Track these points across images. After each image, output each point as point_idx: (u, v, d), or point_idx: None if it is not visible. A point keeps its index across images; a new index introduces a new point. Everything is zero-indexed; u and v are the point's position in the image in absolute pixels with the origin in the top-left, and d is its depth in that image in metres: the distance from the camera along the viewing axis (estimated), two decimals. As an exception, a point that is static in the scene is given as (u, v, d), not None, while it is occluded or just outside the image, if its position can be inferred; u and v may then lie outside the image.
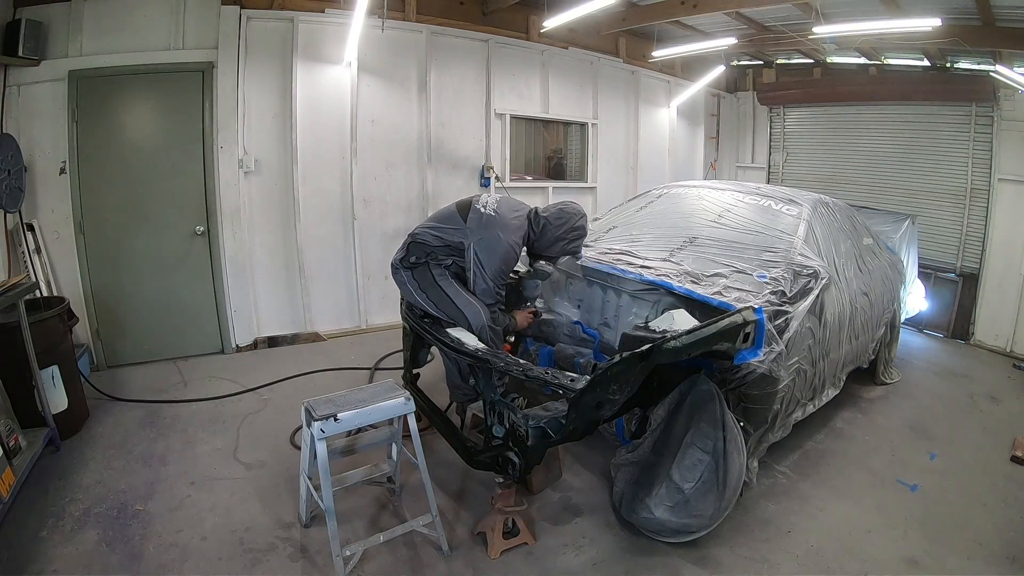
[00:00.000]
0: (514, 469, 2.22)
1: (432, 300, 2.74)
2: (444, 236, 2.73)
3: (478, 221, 2.71)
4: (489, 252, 2.66)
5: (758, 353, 2.40)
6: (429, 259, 2.75)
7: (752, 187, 3.92)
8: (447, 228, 2.75)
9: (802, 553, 2.42)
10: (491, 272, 2.67)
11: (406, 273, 2.81)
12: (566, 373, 2.22)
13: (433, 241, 2.75)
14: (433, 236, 2.75)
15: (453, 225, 2.75)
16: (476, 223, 2.71)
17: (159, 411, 3.49)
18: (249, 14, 4.33)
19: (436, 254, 2.75)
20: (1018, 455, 3.26)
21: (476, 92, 5.55)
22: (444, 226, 2.76)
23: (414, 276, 2.79)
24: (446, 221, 2.79)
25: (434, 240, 2.75)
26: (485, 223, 2.70)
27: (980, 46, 4.82)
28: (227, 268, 4.42)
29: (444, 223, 2.79)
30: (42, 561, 2.18)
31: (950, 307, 5.76)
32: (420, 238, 2.78)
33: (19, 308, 2.75)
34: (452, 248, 2.73)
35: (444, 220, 2.81)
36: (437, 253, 2.75)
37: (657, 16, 5.51)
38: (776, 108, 7.53)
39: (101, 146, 3.98)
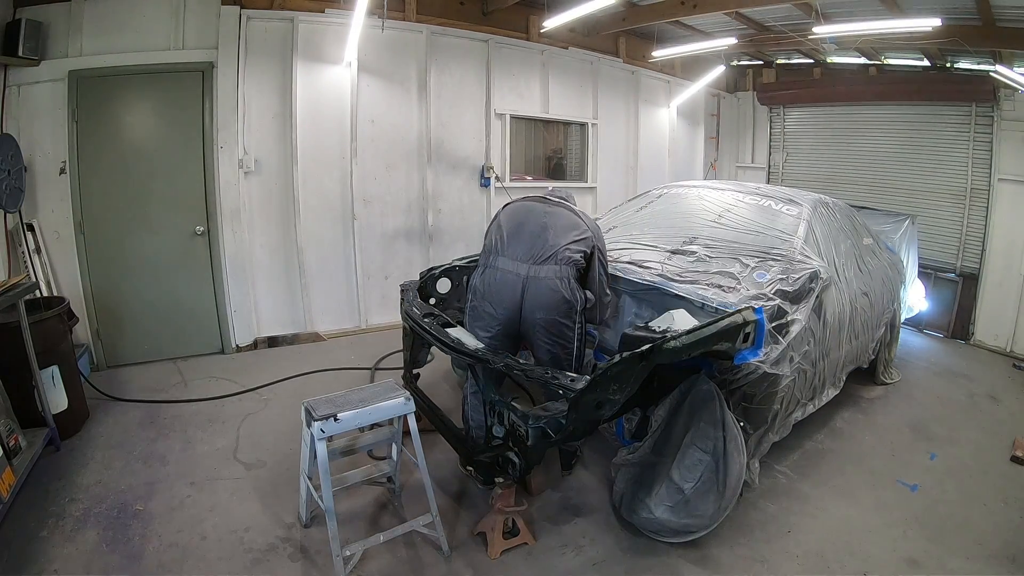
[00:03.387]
0: (514, 469, 2.22)
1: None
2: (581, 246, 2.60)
3: (594, 226, 2.71)
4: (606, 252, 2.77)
5: (758, 353, 2.40)
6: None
7: (752, 187, 3.92)
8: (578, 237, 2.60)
9: (802, 553, 2.42)
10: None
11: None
12: (566, 373, 2.22)
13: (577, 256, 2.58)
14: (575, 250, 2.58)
15: (581, 232, 2.62)
16: (594, 227, 2.69)
17: (159, 411, 3.49)
18: (249, 14, 4.33)
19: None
20: (1018, 455, 3.26)
21: (476, 92, 5.55)
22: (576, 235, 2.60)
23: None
24: (569, 229, 2.61)
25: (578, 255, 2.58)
26: (596, 225, 2.76)
27: (980, 46, 4.82)
28: (227, 268, 4.42)
29: (570, 231, 2.60)
30: (42, 561, 2.18)
31: (950, 307, 5.75)
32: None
33: (19, 308, 2.75)
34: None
35: (566, 229, 2.61)
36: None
37: (657, 16, 5.51)
38: (776, 108, 7.53)
39: (101, 146, 3.98)
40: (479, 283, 2.67)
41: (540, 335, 2.58)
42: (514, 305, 2.55)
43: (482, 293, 2.63)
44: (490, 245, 2.71)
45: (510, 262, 2.58)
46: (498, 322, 2.60)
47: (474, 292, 2.69)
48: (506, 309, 2.57)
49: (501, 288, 2.57)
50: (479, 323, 2.65)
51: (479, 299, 2.65)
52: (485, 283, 2.63)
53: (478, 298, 2.66)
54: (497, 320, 2.60)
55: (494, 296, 2.59)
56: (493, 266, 2.62)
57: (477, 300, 2.66)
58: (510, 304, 2.56)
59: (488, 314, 2.61)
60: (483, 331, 2.63)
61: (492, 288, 2.60)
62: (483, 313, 2.63)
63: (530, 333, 2.61)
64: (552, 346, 2.58)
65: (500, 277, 2.58)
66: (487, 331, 2.62)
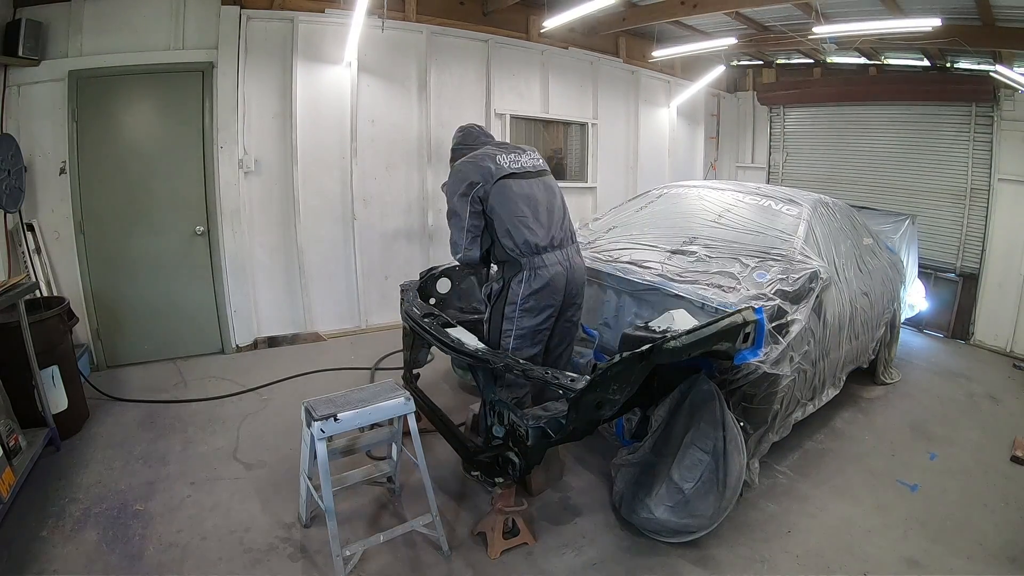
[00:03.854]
0: (514, 469, 2.22)
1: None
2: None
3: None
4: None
5: (758, 353, 2.40)
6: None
7: (752, 187, 3.92)
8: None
9: (802, 553, 2.42)
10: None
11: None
12: (566, 373, 2.22)
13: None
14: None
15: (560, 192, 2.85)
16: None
17: (159, 411, 3.49)
18: (249, 14, 4.33)
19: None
20: (1018, 455, 3.26)
21: (476, 92, 5.55)
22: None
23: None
24: (559, 195, 2.80)
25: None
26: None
27: (980, 46, 4.81)
28: (227, 268, 4.42)
29: (560, 197, 2.81)
30: (42, 561, 2.18)
31: (950, 307, 5.75)
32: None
33: (19, 308, 2.75)
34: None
35: (559, 197, 2.79)
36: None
37: (657, 16, 5.50)
38: (776, 108, 7.53)
39: (101, 146, 3.98)
40: (537, 284, 2.55)
41: (569, 310, 2.73)
42: (563, 290, 2.65)
43: (538, 290, 2.56)
44: (526, 244, 2.55)
45: (552, 255, 2.61)
46: (555, 310, 2.65)
47: (532, 294, 2.56)
48: (561, 296, 2.65)
49: (555, 279, 2.59)
50: (538, 319, 2.60)
51: (537, 298, 2.58)
52: (541, 281, 2.56)
53: (536, 298, 2.57)
54: (555, 308, 2.64)
55: (552, 290, 2.60)
56: (542, 265, 2.56)
57: (535, 300, 2.57)
58: (562, 292, 2.65)
59: (548, 306, 2.62)
60: (539, 322, 2.61)
61: (551, 284, 2.58)
62: (543, 308, 2.60)
63: (568, 307, 2.71)
64: (576, 314, 2.78)
65: (553, 272, 2.58)
66: (544, 320, 2.62)
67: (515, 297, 2.57)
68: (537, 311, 2.59)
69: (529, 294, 2.56)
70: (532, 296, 2.57)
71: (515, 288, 2.57)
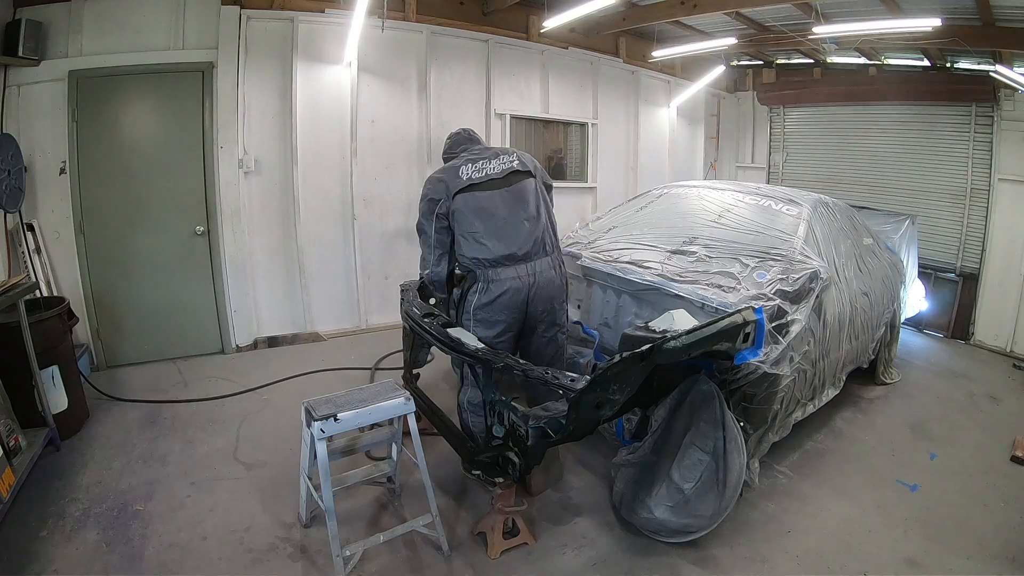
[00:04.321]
0: (514, 469, 2.22)
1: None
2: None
3: (535, 164, 2.92)
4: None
5: (758, 353, 2.40)
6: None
7: (752, 187, 3.92)
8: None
9: (802, 553, 2.42)
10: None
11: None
12: (566, 373, 2.21)
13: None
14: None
15: (541, 197, 2.88)
16: (536, 167, 2.91)
17: (159, 411, 3.49)
18: (249, 14, 4.33)
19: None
20: (1018, 455, 3.26)
21: (476, 92, 5.55)
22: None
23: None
24: (536, 203, 2.78)
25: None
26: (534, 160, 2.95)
27: (980, 46, 4.81)
28: (227, 268, 4.42)
29: (538, 205, 2.80)
30: (42, 561, 2.18)
31: (950, 307, 5.75)
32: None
33: (19, 308, 2.75)
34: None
35: (534, 205, 2.76)
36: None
37: (657, 16, 5.50)
38: (776, 108, 7.53)
39: (101, 146, 3.98)
40: (485, 298, 2.58)
41: (541, 326, 2.72)
42: (522, 307, 2.63)
43: (491, 306, 2.58)
44: (475, 259, 2.58)
45: (510, 270, 2.57)
46: (509, 326, 2.64)
47: (480, 307, 2.60)
48: (517, 312, 2.63)
49: (509, 295, 2.58)
50: (490, 331, 2.61)
51: (488, 311, 2.60)
52: (491, 294, 2.57)
53: (486, 310, 2.60)
54: (509, 324, 2.63)
55: (504, 306, 2.59)
56: (496, 279, 2.57)
57: (485, 313, 2.60)
58: (519, 307, 2.62)
59: (500, 321, 2.61)
60: (492, 335, 2.60)
61: (502, 299, 2.57)
62: (494, 322, 2.61)
63: (532, 328, 2.72)
64: (550, 331, 2.76)
65: (509, 286, 2.57)
66: (498, 333, 2.62)
67: (468, 307, 2.62)
68: (488, 324, 2.60)
69: (479, 306, 2.59)
70: (482, 309, 2.59)
71: (469, 298, 2.62)
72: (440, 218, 2.62)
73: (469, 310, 2.61)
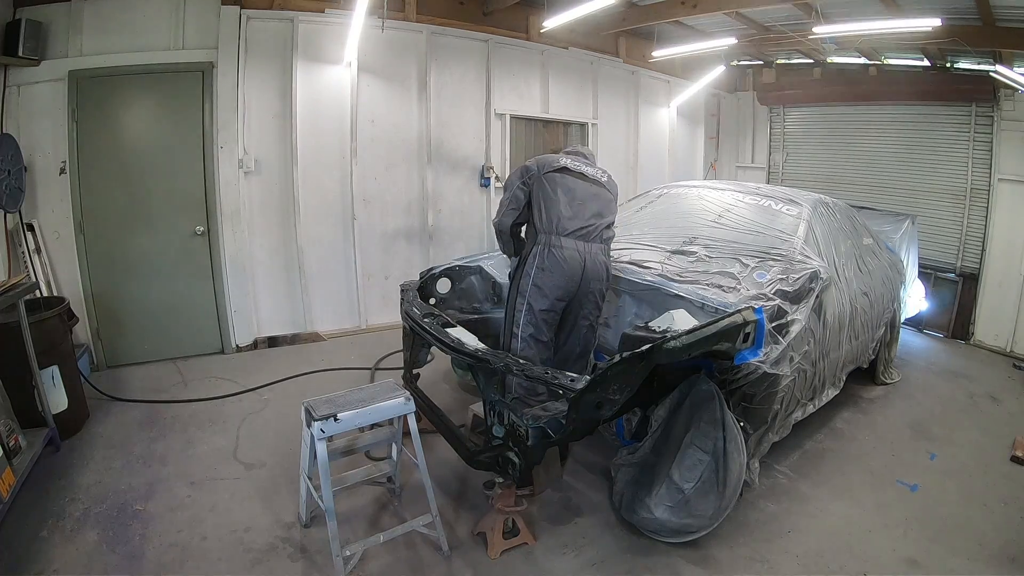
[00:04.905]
0: (514, 469, 2.22)
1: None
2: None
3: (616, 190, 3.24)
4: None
5: (758, 353, 2.40)
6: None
7: (752, 187, 3.92)
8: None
9: (802, 553, 2.42)
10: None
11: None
12: (566, 373, 2.22)
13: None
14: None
15: (613, 211, 3.17)
16: (616, 192, 3.24)
17: (159, 411, 3.49)
18: (249, 14, 4.33)
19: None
20: (1018, 455, 3.26)
21: (476, 92, 5.55)
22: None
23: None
24: (608, 211, 3.09)
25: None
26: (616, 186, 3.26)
27: (980, 46, 4.81)
28: (227, 268, 4.42)
29: (608, 213, 3.10)
30: (42, 561, 2.18)
31: (950, 307, 5.75)
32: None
33: (19, 308, 2.75)
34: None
35: (607, 211, 3.08)
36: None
37: (657, 16, 5.51)
38: (776, 108, 7.53)
39: (101, 146, 3.98)
40: (548, 261, 2.84)
41: (589, 303, 2.94)
42: (576, 279, 2.87)
43: (550, 268, 2.83)
44: (548, 222, 2.87)
45: (572, 241, 2.86)
46: (561, 291, 2.86)
47: (541, 268, 2.84)
48: (570, 282, 2.86)
49: (568, 262, 2.83)
50: (543, 292, 2.84)
51: (547, 273, 2.83)
52: (553, 259, 2.83)
53: (546, 272, 2.83)
54: (561, 292, 2.86)
55: (561, 271, 2.83)
56: (558, 245, 2.84)
57: (544, 276, 2.83)
58: (574, 278, 2.86)
59: (556, 286, 2.84)
60: (543, 299, 2.85)
61: (561, 263, 2.83)
62: (549, 285, 2.84)
63: (581, 301, 2.93)
64: (593, 309, 2.98)
65: (568, 255, 2.84)
66: (547, 299, 2.85)
67: (530, 268, 2.86)
68: (547, 289, 2.82)
69: (540, 269, 2.83)
70: (542, 271, 2.83)
71: (530, 261, 2.87)
72: (524, 184, 2.94)
73: (530, 272, 2.85)
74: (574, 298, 2.91)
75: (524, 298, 2.85)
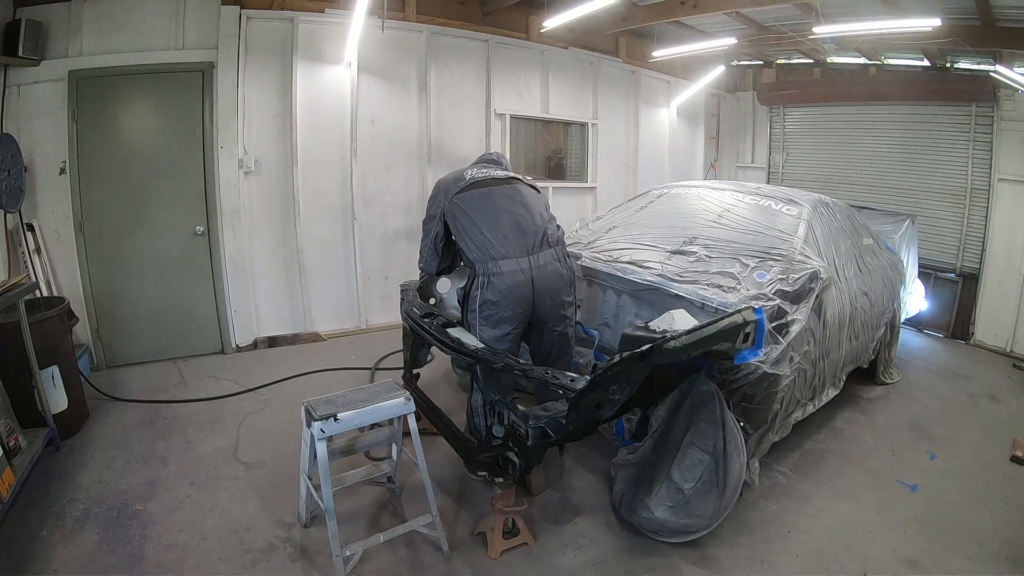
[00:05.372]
0: (514, 469, 2.22)
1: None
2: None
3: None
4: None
5: (758, 353, 2.40)
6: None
7: (752, 187, 3.92)
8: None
9: (802, 553, 2.42)
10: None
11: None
12: (566, 373, 2.22)
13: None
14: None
15: (546, 201, 3.02)
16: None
17: (159, 411, 3.49)
18: (249, 14, 4.33)
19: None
20: (1018, 455, 3.26)
21: (476, 92, 5.55)
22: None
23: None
24: (540, 204, 2.89)
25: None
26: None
27: (980, 46, 4.81)
28: (227, 268, 4.42)
29: (541, 206, 2.90)
30: (42, 561, 2.18)
31: (950, 307, 5.75)
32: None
33: (19, 308, 2.75)
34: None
35: (537, 205, 2.87)
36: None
37: (657, 16, 5.50)
38: (776, 108, 7.53)
39: (101, 146, 3.98)
40: (489, 294, 2.55)
41: (551, 320, 2.70)
42: (527, 301, 2.60)
43: (494, 302, 2.55)
44: (479, 249, 2.58)
45: (512, 262, 2.56)
46: (516, 323, 2.61)
47: (485, 303, 2.57)
48: (522, 307, 2.59)
49: (512, 289, 2.55)
50: (496, 330, 2.59)
51: (493, 307, 2.56)
52: (495, 291, 2.55)
53: (491, 307, 2.57)
54: (515, 321, 2.60)
55: (508, 300, 2.56)
56: (497, 272, 2.54)
57: (491, 309, 2.57)
58: (524, 301, 2.59)
59: (506, 319, 2.58)
60: (499, 335, 2.58)
61: (505, 293, 2.55)
62: (499, 320, 2.58)
63: (542, 322, 2.69)
64: (559, 324, 2.74)
65: (510, 280, 2.54)
66: (505, 334, 2.60)
67: (473, 304, 2.59)
68: (494, 322, 2.57)
69: (484, 303, 2.56)
70: (487, 305, 2.56)
71: (473, 294, 2.59)
72: (440, 215, 2.73)
73: (474, 308, 2.58)
74: (532, 318, 2.65)
75: (475, 329, 2.60)
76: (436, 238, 2.77)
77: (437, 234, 2.76)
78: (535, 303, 2.62)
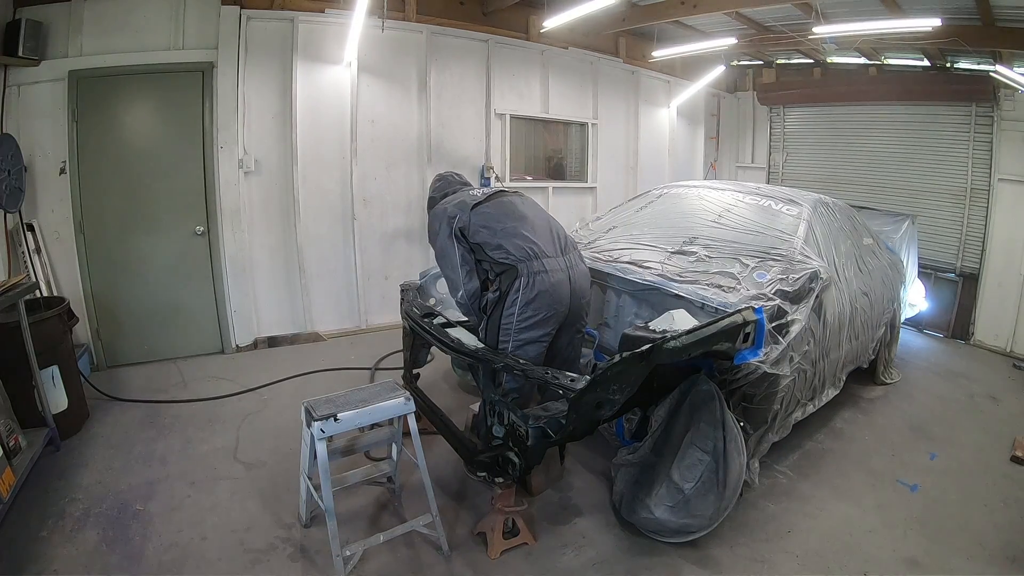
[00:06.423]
0: (514, 469, 2.22)
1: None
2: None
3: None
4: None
5: (758, 353, 2.40)
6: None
7: (752, 187, 3.92)
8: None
9: (802, 553, 2.42)
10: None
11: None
12: (566, 373, 2.22)
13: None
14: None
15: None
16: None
17: (159, 411, 3.49)
18: (249, 14, 4.33)
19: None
20: (1018, 455, 3.26)
21: (476, 92, 5.55)
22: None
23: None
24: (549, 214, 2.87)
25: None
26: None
27: (980, 46, 4.82)
28: (227, 268, 4.42)
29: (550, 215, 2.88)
30: (42, 561, 2.18)
31: (950, 307, 5.75)
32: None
33: (19, 308, 2.75)
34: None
35: (550, 215, 2.86)
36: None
37: (657, 16, 5.51)
38: (776, 108, 7.53)
39: (101, 146, 3.98)
40: (532, 293, 2.45)
41: (578, 321, 2.72)
42: (566, 301, 2.57)
43: (538, 303, 2.46)
44: (521, 249, 2.49)
45: (555, 261, 2.54)
46: (556, 323, 2.56)
47: (528, 303, 2.45)
48: (563, 306, 2.56)
49: (557, 287, 2.51)
50: (536, 331, 2.50)
51: (535, 308, 2.47)
52: (539, 290, 2.46)
53: (534, 307, 2.46)
54: (556, 321, 2.56)
55: (552, 299, 2.49)
56: (542, 270, 2.47)
57: (533, 310, 2.47)
58: (564, 301, 2.55)
59: (548, 319, 2.51)
60: (539, 336, 2.51)
61: (551, 291, 2.48)
62: (541, 320, 2.49)
63: (571, 322, 2.68)
64: (584, 319, 2.78)
65: (555, 278, 2.50)
66: (545, 334, 2.53)
67: (512, 307, 2.45)
68: (538, 323, 2.48)
69: (525, 303, 2.44)
70: (530, 305, 2.45)
71: (512, 297, 2.45)
72: (459, 236, 2.56)
73: (512, 310, 2.45)
74: (565, 319, 2.61)
75: (510, 334, 2.48)
76: (463, 260, 2.57)
77: (463, 256, 2.57)
78: (571, 303, 2.59)
